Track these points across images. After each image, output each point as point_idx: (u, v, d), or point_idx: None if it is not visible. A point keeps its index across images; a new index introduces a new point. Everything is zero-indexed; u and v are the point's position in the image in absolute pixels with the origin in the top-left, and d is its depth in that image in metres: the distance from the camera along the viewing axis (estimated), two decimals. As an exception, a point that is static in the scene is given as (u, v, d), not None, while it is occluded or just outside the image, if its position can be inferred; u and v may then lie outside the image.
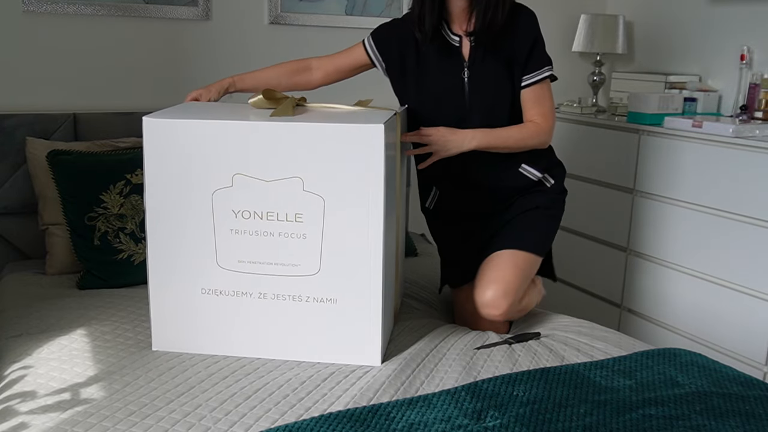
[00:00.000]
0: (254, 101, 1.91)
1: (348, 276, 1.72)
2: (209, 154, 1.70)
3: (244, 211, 1.71)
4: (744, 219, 2.50)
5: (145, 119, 1.70)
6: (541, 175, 2.13)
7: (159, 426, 1.43)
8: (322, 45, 2.94)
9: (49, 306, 2.02)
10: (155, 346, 1.79)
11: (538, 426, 1.44)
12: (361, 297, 1.73)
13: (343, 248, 1.71)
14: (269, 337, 1.77)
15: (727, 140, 2.53)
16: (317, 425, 1.40)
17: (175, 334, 1.78)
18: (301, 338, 1.76)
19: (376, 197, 1.67)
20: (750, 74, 2.83)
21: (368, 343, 1.75)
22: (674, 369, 1.73)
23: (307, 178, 1.68)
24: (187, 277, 1.76)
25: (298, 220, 1.71)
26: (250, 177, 1.69)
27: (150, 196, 1.73)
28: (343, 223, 1.69)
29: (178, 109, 1.88)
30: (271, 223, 1.71)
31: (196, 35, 2.71)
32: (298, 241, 1.71)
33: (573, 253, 3.22)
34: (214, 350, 1.78)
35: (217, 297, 1.76)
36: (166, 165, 1.71)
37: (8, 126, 2.39)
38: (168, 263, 1.75)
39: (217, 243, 1.73)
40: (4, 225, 2.46)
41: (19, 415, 1.47)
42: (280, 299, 1.75)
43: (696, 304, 2.68)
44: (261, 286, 1.75)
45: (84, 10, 2.52)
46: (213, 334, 1.78)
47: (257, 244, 1.72)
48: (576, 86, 3.47)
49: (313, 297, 1.74)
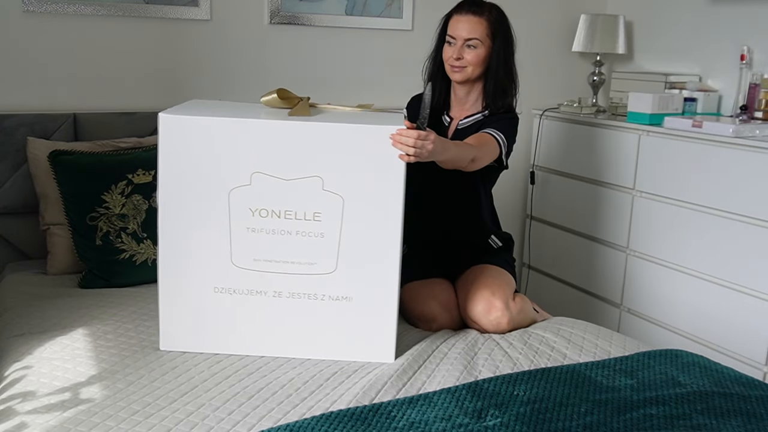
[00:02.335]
0: (267, 100, 1.90)
1: (364, 274, 1.74)
2: (228, 152, 1.69)
3: (262, 209, 1.71)
4: (744, 219, 2.50)
5: (161, 115, 1.68)
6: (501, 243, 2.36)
7: (162, 425, 1.43)
8: (322, 45, 2.94)
9: (50, 306, 2.02)
10: (163, 345, 1.78)
11: (539, 425, 1.44)
12: (376, 295, 1.76)
13: (361, 247, 1.73)
14: (284, 335, 1.77)
15: (727, 140, 2.54)
16: (319, 424, 1.40)
17: (185, 333, 1.77)
18: (316, 336, 1.77)
19: (396, 196, 1.71)
20: (750, 74, 2.84)
21: (383, 340, 1.78)
22: (675, 369, 1.74)
23: (327, 177, 1.70)
24: (200, 276, 1.74)
25: (317, 219, 1.72)
26: (270, 176, 1.69)
27: (163, 193, 1.71)
28: (362, 222, 1.72)
29: (191, 105, 1.86)
30: (288, 221, 1.72)
31: (196, 35, 2.71)
32: (315, 240, 1.72)
33: (573, 253, 3.22)
34: (226, 349, 1.77)
35: (230, 296, 1.75)
36: (181, 162, 1.70)
37: (8, 126, 2.38)
38: (180, 262, 1.74)
39: (233, 241, 1.73)
40: (5, 225, 2.45)
41: (20, 414, 1.47)
42: (295, 298, 1.75)
43: (696, 304, 2.68)
44: (276, 285, 1.75)
45: (84, 10, 2.52)
46: (225, 333, 1.77)
47: (274, 243, 1.73)
48: (576, 86, 3.47)
49: (329, 295, 1.75)
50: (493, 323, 2.02)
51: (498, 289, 2.07)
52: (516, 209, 3.49)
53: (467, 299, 2.08)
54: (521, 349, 1.88)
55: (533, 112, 3.37)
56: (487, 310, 2.02)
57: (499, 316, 2.01)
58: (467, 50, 2.15)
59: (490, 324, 2.02)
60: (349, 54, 3.00)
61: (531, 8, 3.32)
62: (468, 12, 2.16)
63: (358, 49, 3.01)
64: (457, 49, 2.15)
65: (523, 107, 3.40)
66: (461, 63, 2.15)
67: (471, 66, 2.16)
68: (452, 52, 2.16)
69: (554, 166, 3.29)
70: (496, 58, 2.17)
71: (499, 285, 2.10)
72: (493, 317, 2.01)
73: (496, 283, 2.10)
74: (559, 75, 3.48)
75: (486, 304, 2.03)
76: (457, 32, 2.15)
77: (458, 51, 2.14)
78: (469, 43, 2.14)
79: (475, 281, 2.12)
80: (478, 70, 2.18)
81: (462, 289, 2.16)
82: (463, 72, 2.17)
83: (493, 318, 2.01)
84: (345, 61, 2.99)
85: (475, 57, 2.15)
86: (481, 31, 2.14)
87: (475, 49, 2.14)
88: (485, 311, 2.02)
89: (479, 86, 2.24)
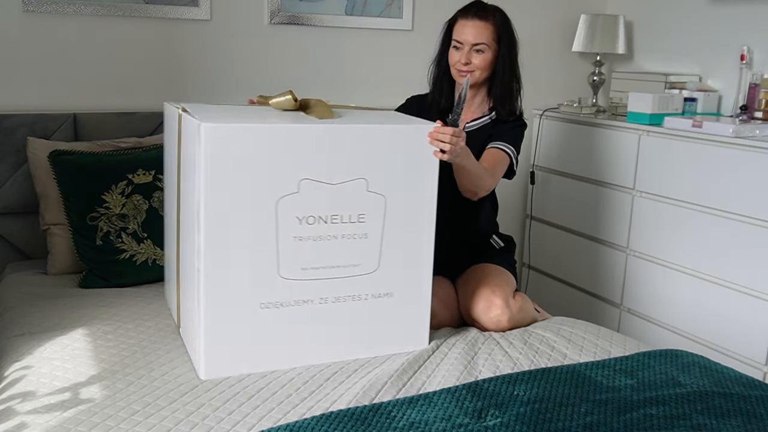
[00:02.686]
0: (278, 102, 1.85)
1: (403, 270, 1.80)
2: (276, 160, 1.62)
3: (309, 216, 1.68)
4: (744, 219, 2.50)
5: (205, 125, 1.56)
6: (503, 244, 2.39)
7: (162, 425, 1.43)
8: (322, 45, 2.94)
9: (50, 306, 2.02)
10: (205, 375, 1.64)
11: (539, 425, 1.44)
12: (414, 288, 1.82)
13: (401, 243, 1.78)
14: (329, 341, 1.76)
15: (727, 140, 2.54)
16: (319, 424, 1.40)
17: (230, 358, 1.66)
18: (359, 336, 1.79)
19: (431, 192, 1.80)
20: (750, 74, 2.84)
21: (419, 330, 1.85)
22: (676, 369, 1.74)
23: (371, 178, 1.72)
24: (247, 293, 1.65)
25: (360, 220, 1.73)
26: (318, 181, 1.67)
27: (208, 207, 1.59)
28: (402, 220, 1.77)
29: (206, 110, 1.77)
30: (335, 226, 1.71)
31: (196, 35, 2.71)
32: (359, 242, 1.74)
33: (573, 253, 3.22)
34: (272, 366, 1.70)
35: (277, 309, 1.68)
36: (227, 173, 1.59)
37: (8, 126, 2.38)
38: (226, 281, 1.63)
39: (280, 252, 1.67)
40: (5, 225, 2.45)
41: (20, 414, 1.47)
42: (340, 301, 1.75)
43: (696, 304, 2.68)
44: (322, 292, 1.73)
45: (84, 10, 2.52)
46: (272, 350, 1.70)
47: (320, 249, 1.71)
48: (576, 86, 3.47)
49: (371, 294, 1.78)
50: (493, 321, 2.02)
51: (498, 288, 2.07)
52: (516, 209, 3.49)
53: (468, 297, 2.09)
54: (521, 349, 1.88)
55: (533, 112, 3.36)
56: (487, 308, 2.03)
57: (499, 314, 2.02)
58: (475, 55, 2.17)
59: (491, 322, 2.02)
60: (349, 54, 3.00)
61: (531, 8, 3.32)
62: (474, 17, 2.18)
63: (358, 49, 3.01)
64: (465, 53, 2.17)
65: (523, 107, 3.41)
66: (469, 68, 2.17)
67: (479, 70, 2.18)
68: (460, 56, 2.18)
69: (554, 166, 3.29)
70: (502, 62, 2.20)
71: (499, 283, 2.11)
72: (493, 315, 2.02)
73: (496, 281, 2.11)
74: (559, 75, 3.48)
75: (486, 302, 2.04)
76: (464, 37, 2.17)
77: (466, 56, 2.16)
78: (476, 47, 2.16)
79: (475, 280, 2.13)
80: (486, 73, 2.20)
81: (462, 287, 2.17)
82: (470, 75, 2.18)
83: (494, 316, 2.02)
84: (345, 61, 2.99)
85: (482, 61, 2.17)
86: (488, 36, 2.16)
87: (482, 54, 2.17)
88: (485, 309, 2.03)
89: (484, 89, 2.26)
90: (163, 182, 2.31)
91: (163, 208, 2.23)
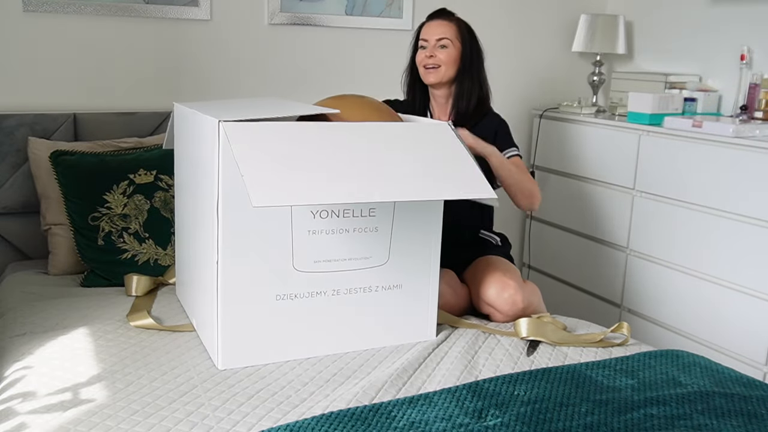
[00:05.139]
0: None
1: (413, 261, 1.84)
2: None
3: (323, 210, 1.73)
4: (744, 219, 2.50)
5: (224, 124, 1.58)
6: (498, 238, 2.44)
7: (162, 425, 1.43)
8: (322, 45, 2.94)
9: (52, 306, 2.02)
10: (223, 365, 1.69)
11: (539, 425, 1.44)
12: (422, 279, 1.86)
13: (410, 235, 1.82)
14: (342, 332, 1.80)
15: (727, 140, 2.54)
16: (319, 424, 1.40)
17: (246, 349, 1.71)
18: (370, 327, 1.82)
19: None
20: (750, 74, 2.84)
21: (427, 320, 1.89)
22: (676, 369, 1.74)
23: None
24: (263, 286, 1.70)
25: (372, 214, 1.77)
26: None
27: (226, 202, 1.63)
28: (410, 211, 1.80)
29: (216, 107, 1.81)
30: (347, 219, 1.75)
31: (196, 35, 2.71)
32: (370, 235, 1.78)
33: (573, 253, 3.22)
34: (287, 356, 1.75)
35: (291, 301, 1.74)
36: None
37: (8, 126, 2.38)
38: (242, 274, 1.68)
39: (295, 246, 1.72)
40: (6, 225, 2.45)
41: (20, 414, 1.47)
42: (352, 293, 1.79)
43: (696, 304, 2.69)
44: (335, 283, 1.77)
45: (84, 10, 2.52)
46: (287, 340, 1.74)
47: (333, 243, 1.75)
48: (576, 86, 3.48)
49: (381, 286, 1.82)
50: (508, 302, 2.06)
51: (509, 272, 2.14)
52: (516, 209, 3.49)
53: (480, 285, 2.13)
54: (522, 348, 1.88)
55: (533, 112, 3.37)
56: (501, 289, 2.08)
57: (513, 294, 2.06)
58: (439, 50, 2.25)
59: (506, 303, 2.06)
60: (349, 54, 3.00)
61: (531, 8, 3.32)
62: (437, 18, 2.30)
63: (358, 49, 3.01)
64: (430, 48, 2.26)
65: (524, 107, 3.41)
66: (434, 61, 2.25)
67: (444, 65, 2.25)
68: (425, 53, 2.26)
69: (554, 166, 3.29)
70: (468, 60, 2.27)
71: (509, 268, 2.18)
72: (507, 295, 2.07)
73: (506, 266, 2.19)
74: (559, 75, 3.48)
75: (500, 283, 2.09)
76: (428, 35, 2.27)
77: (431, 50, 2.25)
78: (440, 43, 2.25)
79: (485, 268, 2.18)
80: (451, 70, 2.26)
81: (472, 278, 2.21)
82: (436, 72, 2.26)
83: (508, 296, 2.06)
84: (345, 61, 2.99)
85: (447, 56, 2.25)
86: (452, 33, 2.26)
87: (446, 49, 2.25)
88: (500, 290, 2.07)
89: (454, 90, 2.32)
90: (164, 182, 2.33)
91: (167, 207, 2.30)
